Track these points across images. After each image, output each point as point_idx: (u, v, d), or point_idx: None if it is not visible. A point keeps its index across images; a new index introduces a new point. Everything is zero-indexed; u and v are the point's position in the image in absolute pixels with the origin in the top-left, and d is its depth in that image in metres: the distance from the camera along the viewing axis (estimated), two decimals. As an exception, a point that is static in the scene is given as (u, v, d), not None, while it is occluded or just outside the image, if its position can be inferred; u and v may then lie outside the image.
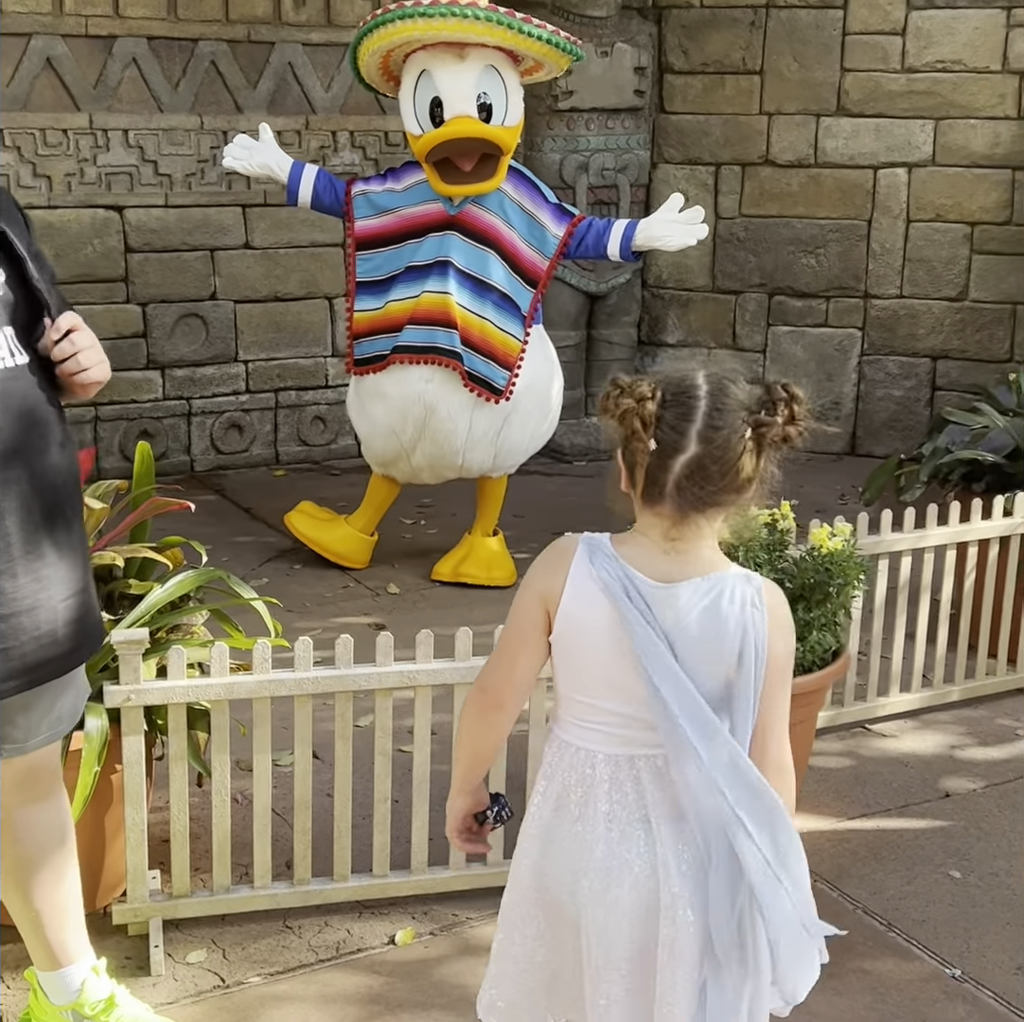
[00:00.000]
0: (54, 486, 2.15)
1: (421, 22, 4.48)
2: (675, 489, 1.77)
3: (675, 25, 7.04)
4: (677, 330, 7.37)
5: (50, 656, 2.17)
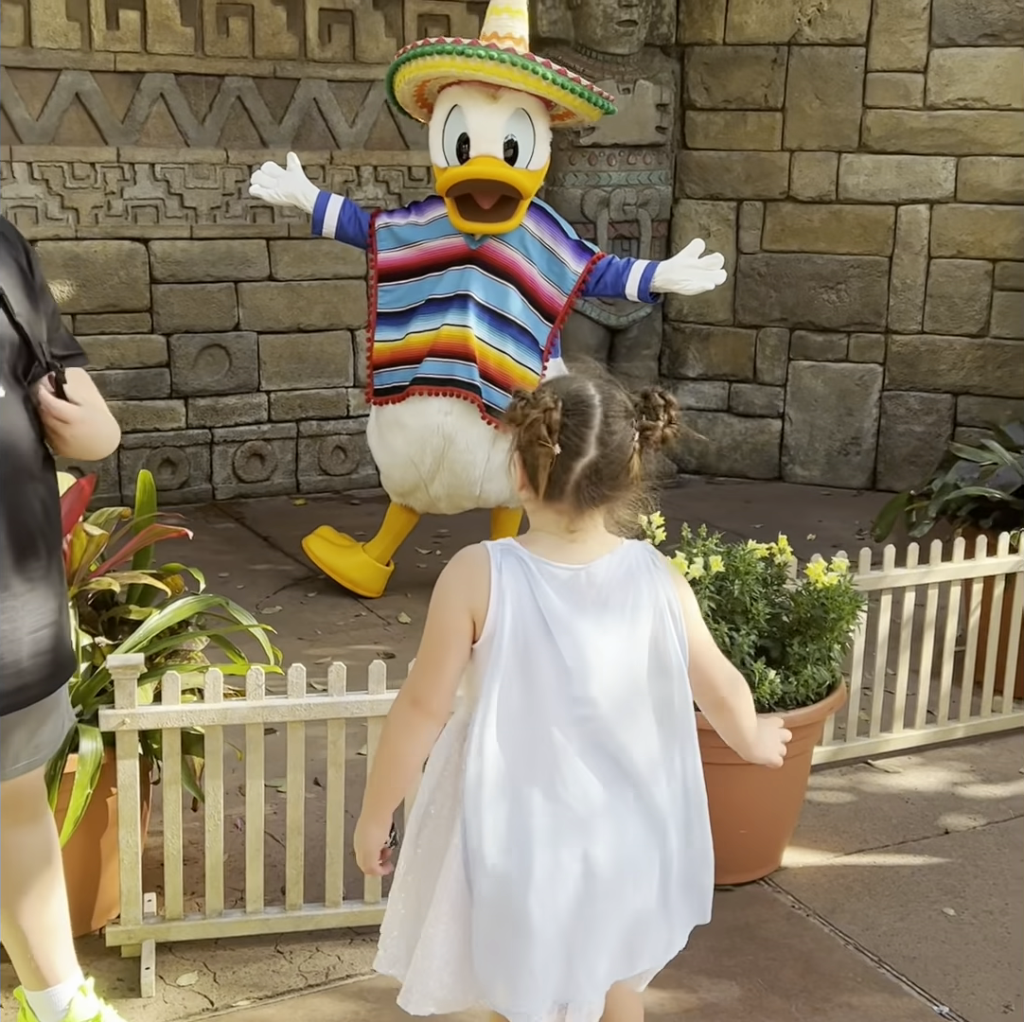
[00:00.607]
0: (24, 520, 2.15)
1: (459, 60, 4.57)
2: (575, 488, 1.96)
3: (697, 62, 7.10)
4: (698, 364, 7.40)
5: (11, 688, 2.17)
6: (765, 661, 3.18)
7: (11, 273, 2.17)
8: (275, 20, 6.37)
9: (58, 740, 2.39)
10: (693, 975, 2.90)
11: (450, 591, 2.01)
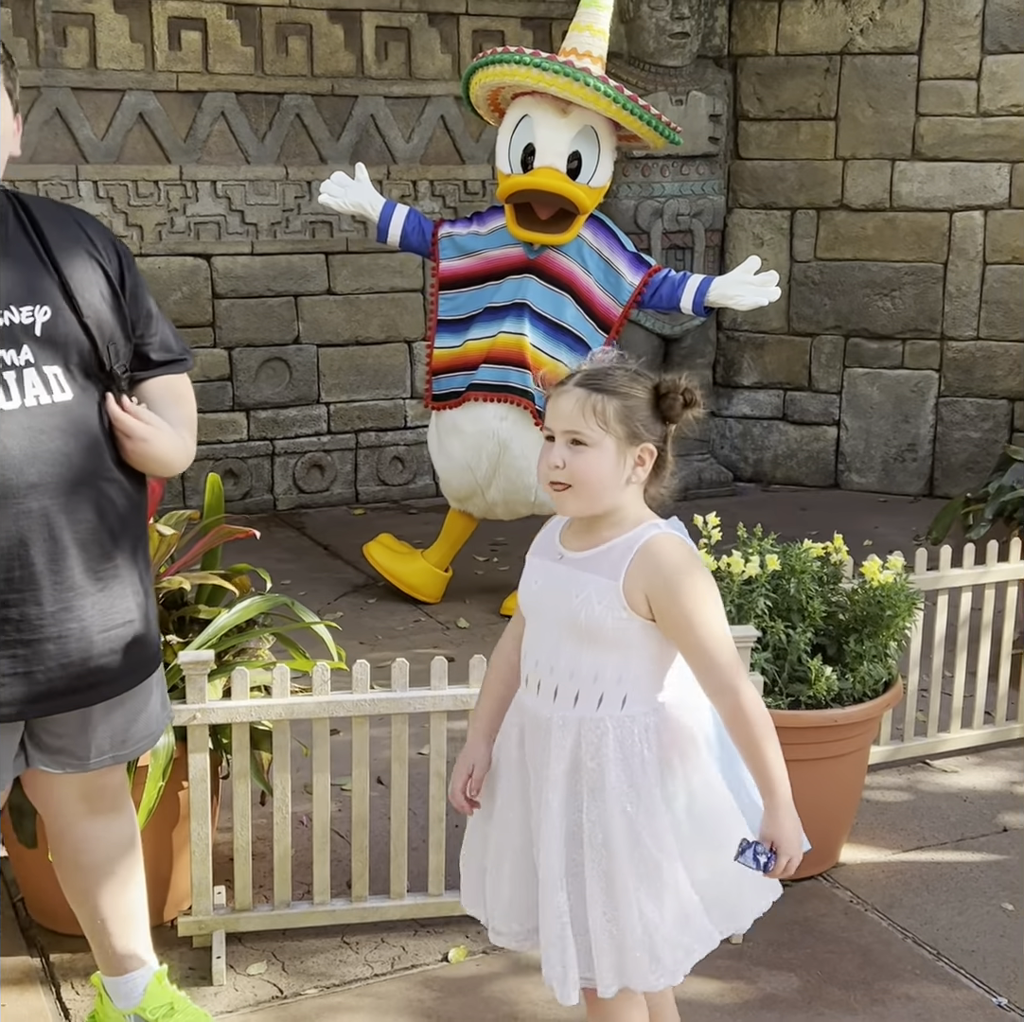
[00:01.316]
0: (91, 520, 2.20)
1: (534, 72, 4.67)
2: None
3: (750, 73, 7.15)
4: (752, 372, 7.43)
5: (80, 685, 2.23)
6: (822, 658, 3.22)
7: (87, 274, 2.22)
8: (333, 38, 6.49)
9: (150, 737, 2.45)
10: (752, 966, 2.94)
11: (702, 566, 2.14)
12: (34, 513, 2.12)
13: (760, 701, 2.08)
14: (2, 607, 2.12)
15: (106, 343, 2.23)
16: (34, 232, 2.20)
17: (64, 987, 2.85)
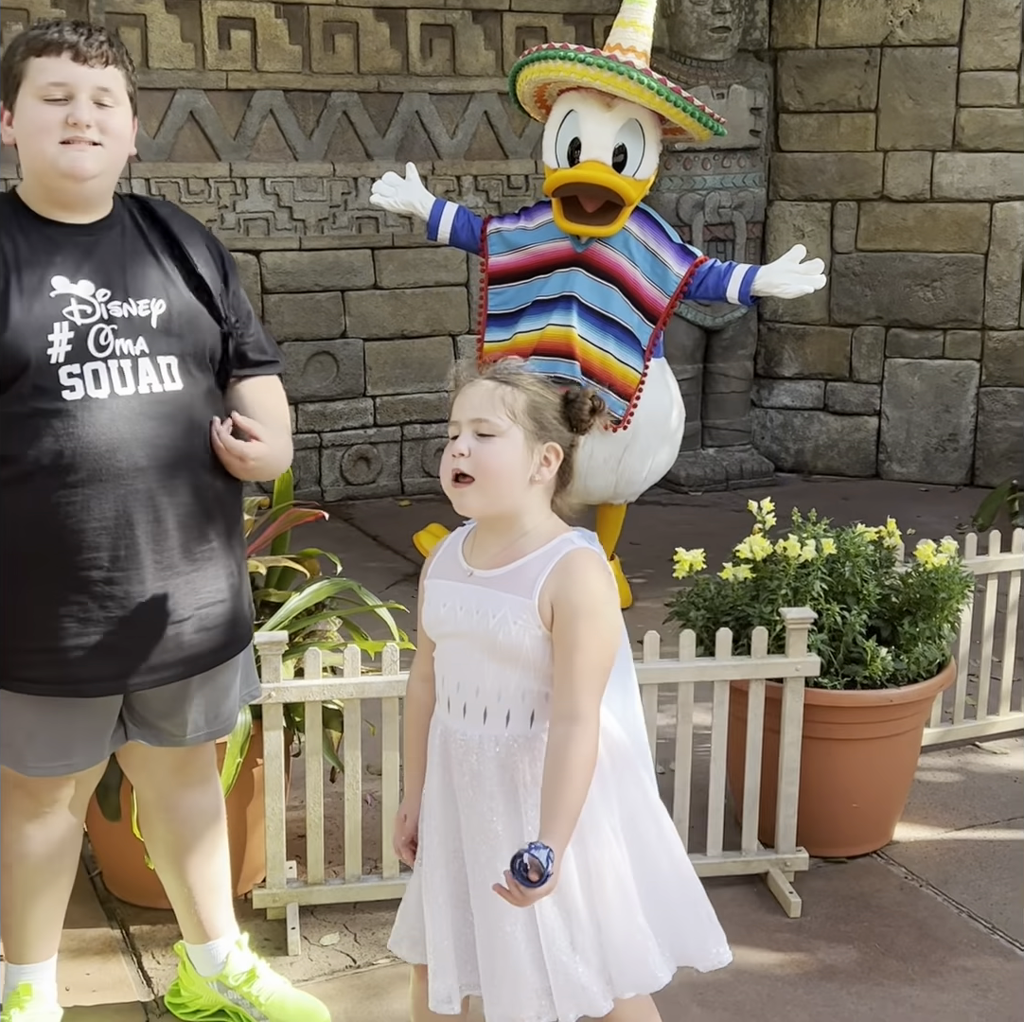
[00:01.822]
0: (191, 503, 2.30)
1: (579, 67, 4.74)
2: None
3: (790, 66, 7.20)
4: (793, 363, 7.49)
5: (174, 660, 2.34)
6: (876, 640, 3.29)
7: (195, 273, 2.35)
8: (379, 36, 6.59)
9: (236, 715, 2.56)
10: (811, 939, 3.01)
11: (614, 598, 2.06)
12: (140, 494, 2.23)
13: (595, 746, 2.00)
14: (107, 584, 2.23)
15: (212, 339, 2.35)
16: (149, 231, 2.33)
17: (145, 957, 2.96)
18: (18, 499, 2.19)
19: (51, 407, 2.17)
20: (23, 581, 2.22)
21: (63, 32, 2.20)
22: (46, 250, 2.23)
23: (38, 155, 2.21)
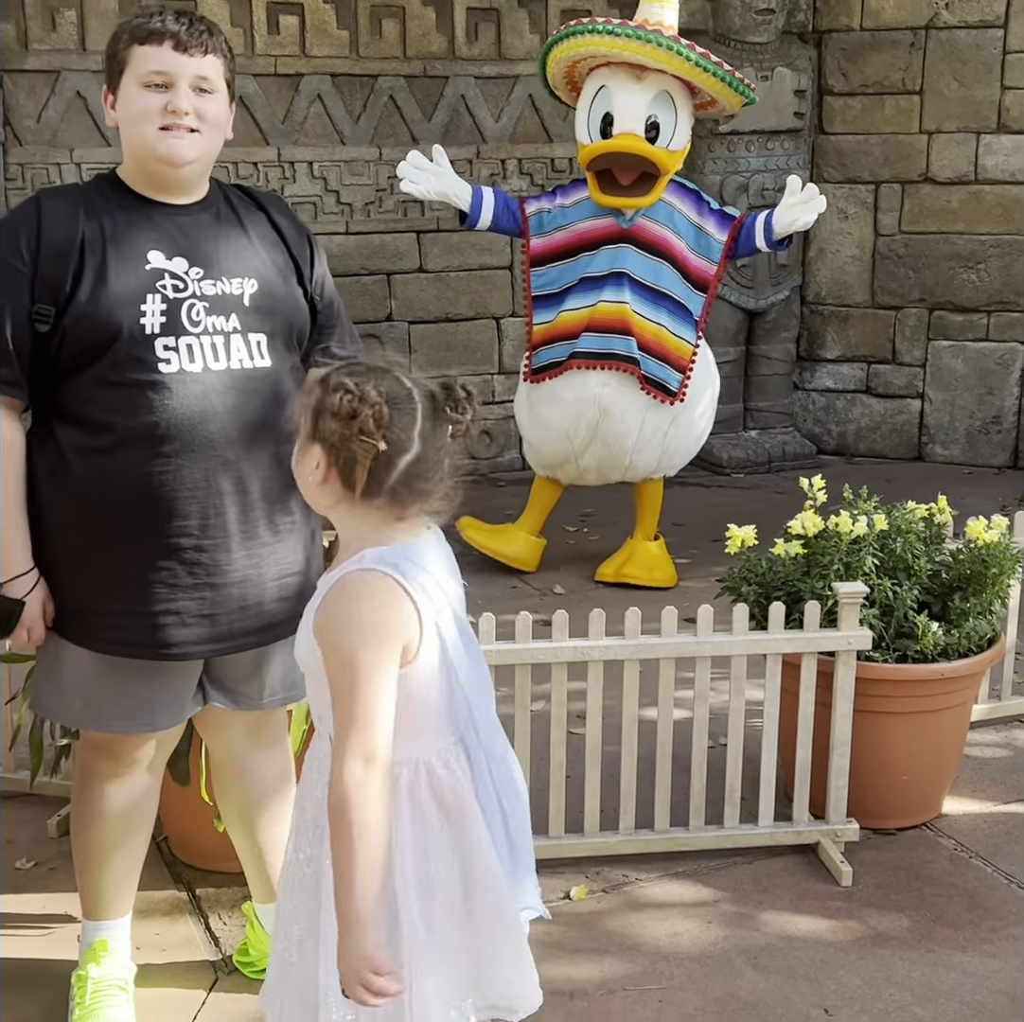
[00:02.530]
0: (275, 476, 2.38)
1: (607, 39, 4.79)
2: (395, 485, 1.84)
3: (835, 48, 7.20)
4: (836, 345, 7.50)
5: (254, 627, 2.42)
6: (927, 615, 3.33)
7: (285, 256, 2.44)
8: (425, 21, 6.64)
9: None
10: (863, 908, 3.07)
11: (376, 631, 1.82)
12: (229, 466, 2.32)
13: (359, 787, 1.74)
14: (196, 551, 2.31)
15: (300, 319, 2.45)
16: (245, 215, 2.43)
17: (212, 918, 3.04)
18: (112, 467, 2.27)
19: (147, 378, 2.26)
20: (115, 546, 2.30)
21: (165, 21, 2.28)
22: (143, 227, 2.32)
23: (139, 140, 2.31)
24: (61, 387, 2.30)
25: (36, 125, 6.10)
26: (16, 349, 2.25)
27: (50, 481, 2.31)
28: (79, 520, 2.31)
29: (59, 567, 2.35)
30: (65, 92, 6.12)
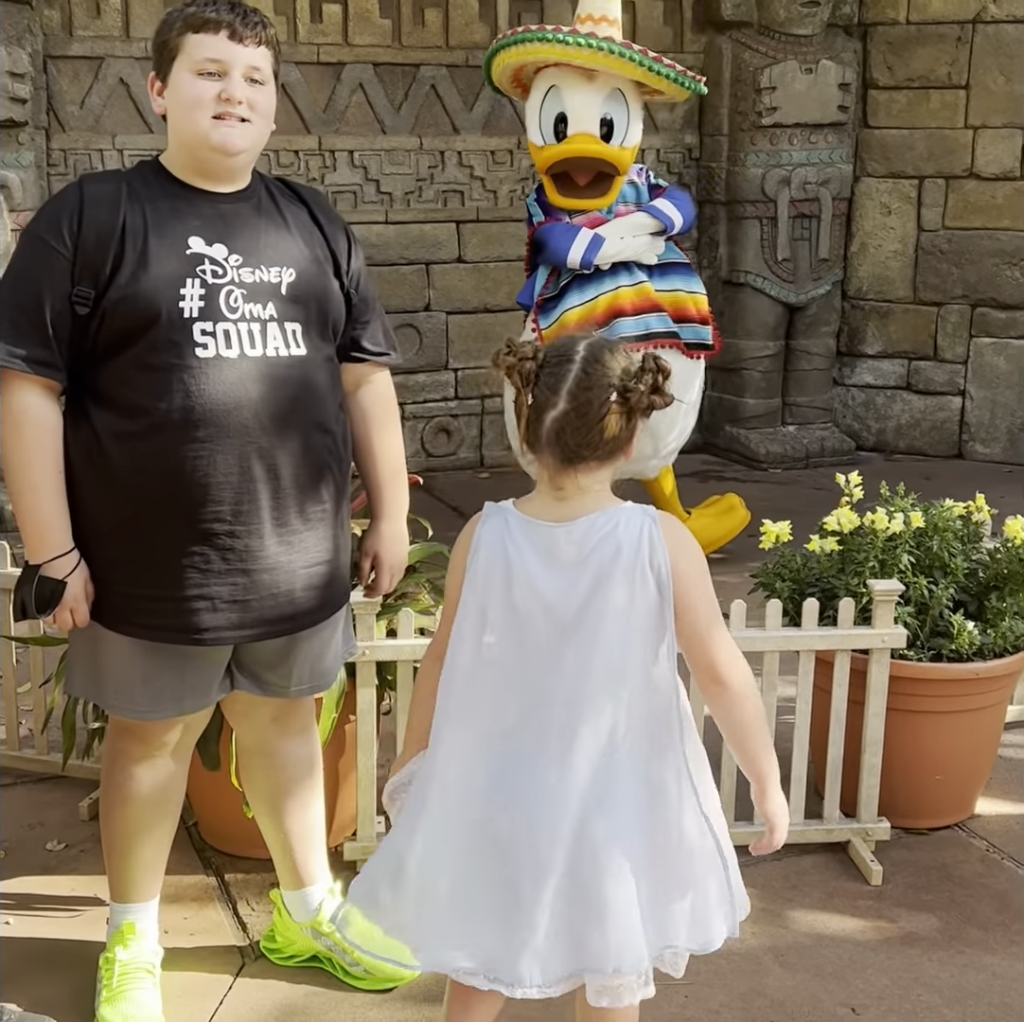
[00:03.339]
0: (307, 464, 2.40)
1: (558, 48, 4.75)
2: (548, 441, 1.95)
3: (880, 42, 7.13)
4: (877, 341, 7.44)
5: (284, 614, 2.43)
6: (963, 614, 3.29)
7: (322, 248, 2.45)
8: (468, 10, 6.63)
9: (336, 670, 2.66)
10: (893, 907, 3.04)
11: (453, 553, 2.10)
12: (263, 452, 2.32)
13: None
14: (229, 537, 2.32)
15: (336, 310, 2.46)
16: (286, 206, 2.44)
17: (240, 903, 3.05)
18: (147, 451, 2.28)
19: (184, 363, 2.26)
20: (147, 531, 2.31)
21: (220, 11, 2.28)
22: (185, 213, 2.33)
23: (190, 128, 2.31)
24: (98, 370, 2.30)
25: (79, 111, 6.14)
26: (55, 331, 2.26)
27: (85, 464, 2.32)
28: (113, 504, 2.32)
29: (92, 550, 2.36)
30: (108, 78, 6.15)
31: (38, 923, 2.98)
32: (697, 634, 2.01)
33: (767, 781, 2.06)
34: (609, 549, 1.96)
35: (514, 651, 2.00)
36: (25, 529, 2.33)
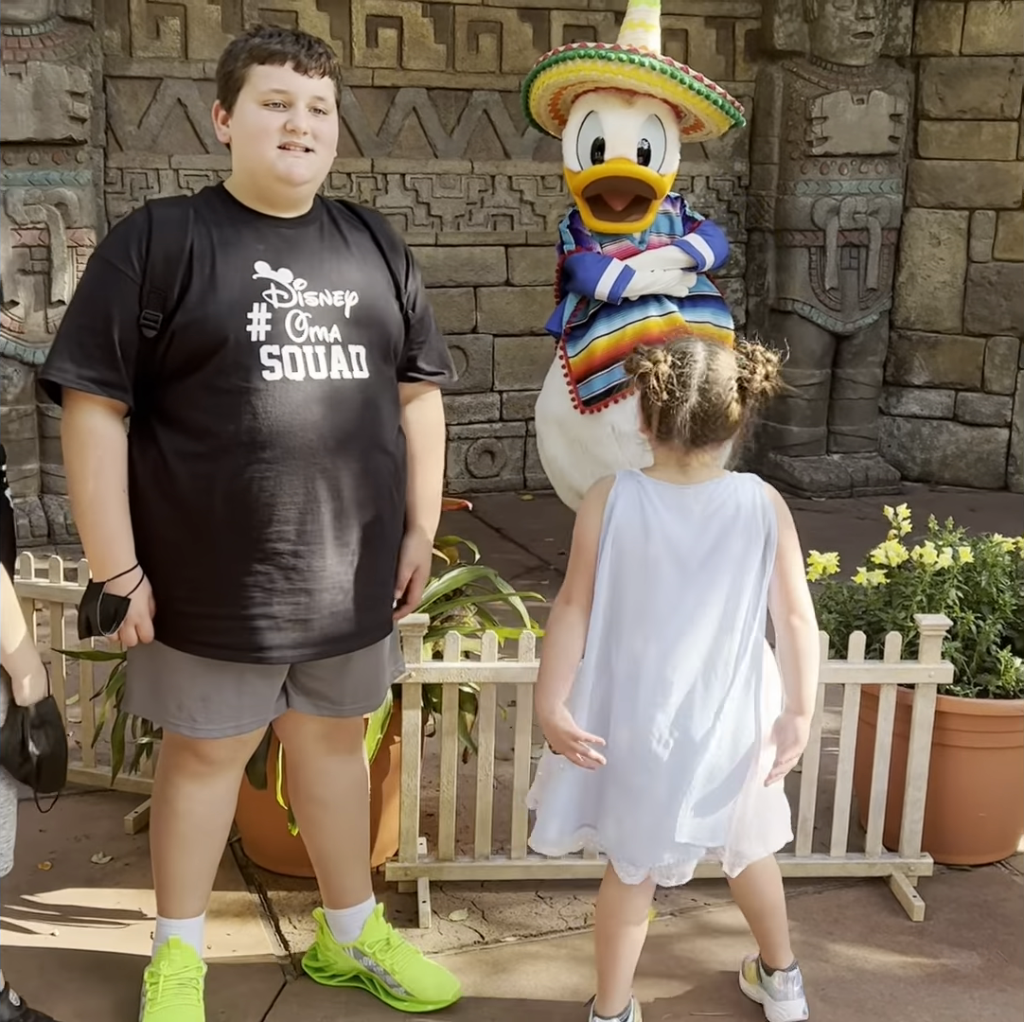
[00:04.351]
0: (369, 485, 2.44)
1: (600, 64, 4.74)
2: (680, 430, 2.33)
3: (932, 73, 7.13)
4: (924, 371, 7.42)
5: (343, 633, 2.47)
6: (1011, 651, 3.28)
7: (383, 271, 2.49)
8: (522, 36, 6.68)
9: (386, 690, 2.69)
10: (935, 943, 3.03)
11: (585, 510, 2.42)
12: (327, 474, 2.36)
13: None
14: (293, 557, 2.36)
15: (397, 332, 2.49)
16: (348, 230, 2.48)
17: (282, 921, 3.07)
18: (213, 471, 2.32)
19: (251, 385, 2.30)
20: (213, 550, 2.35)
21: (285, 42, 2.32)
22: (251, 238, 2.37)
23: (256, 157, 2.35)
24: (165, 392, 2.35)
25: (137, 131, 6.23)
26: (123, 353, 2.30)
27: (151, 484, 2.36)
28: (179, 524, 2.36)
29: (157, 569, 2.39)
30: (166, 99, 6.23)
31: (83, 935, 3.01)
32: (786, 574, 2.44)
33: (808, 702, 2.48)
34: (730, 508, 2.37)
35: (643, 592, 2.38)
36: (89, 547, 2.38)
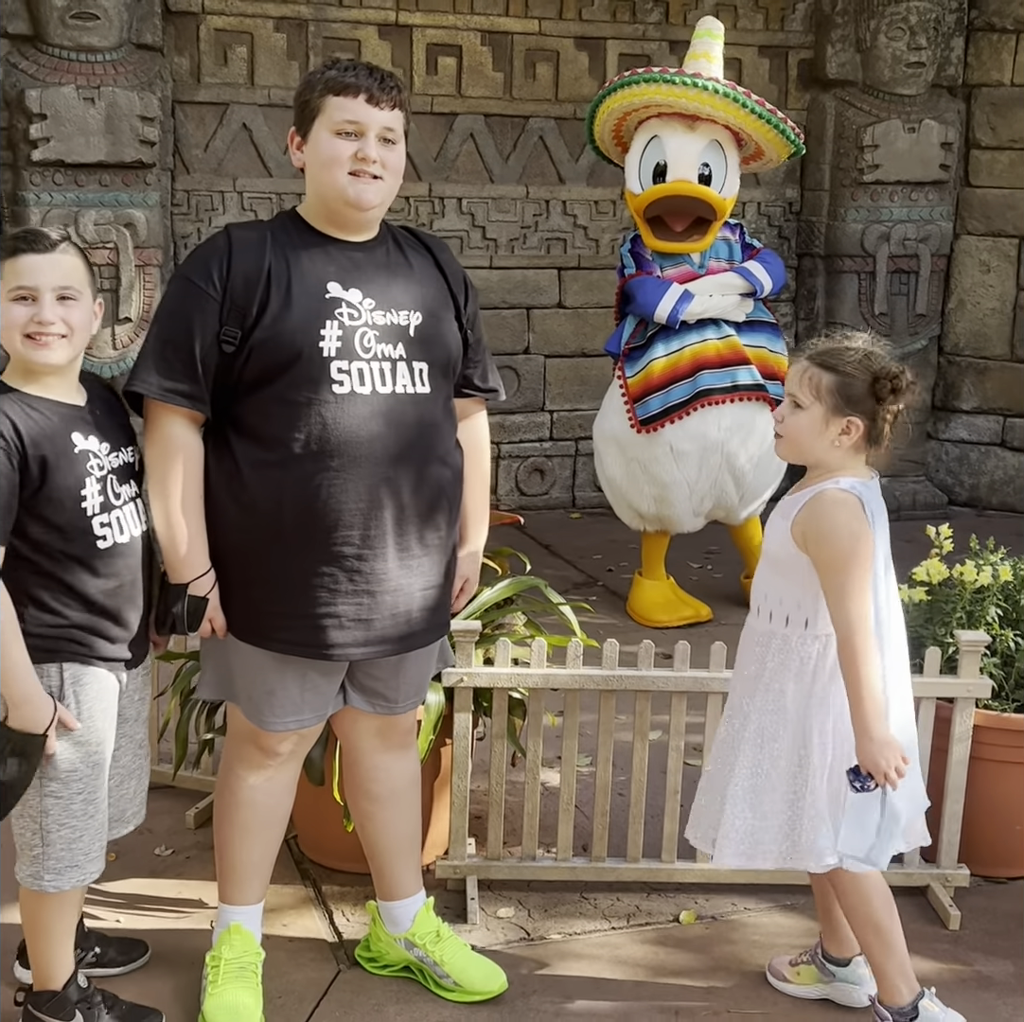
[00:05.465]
0: (428, 494, 2.58)
1: (664, 87, 4.85)
2: (889, 436, 2.59)
3: (984, 102, 7.20)
4: (972, 397, 7.47)
5: (402, 634, 2.62)
6: (1048, 668, 3.36)
7: (445, 293, 2.65)
8: (578, 65, 6.83)
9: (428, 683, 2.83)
10: (969, 951, 3.10)
11: (855, 535, 2.52)
12: (391, 482, 2.52)
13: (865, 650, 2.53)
14: (357, 560, 2.51)
15: (456, 350, 2.65)
16: (412, 254, 2.64)
17: (336, 914, 3.19)
18: (284, 479, 2.47)
19: (321, 398, 2.45)
20: (284, 553, 2.50)
21: (359, 76, 2.47)
22: (323, 260, 2.53)
23: (328, 183, 2.50)
24: (240, 403, 2.50)
25: (203, 154, 6.42)
26: (203, 368, 2.46)
27: (225, 491, 2.51)
28: (252, 529, 2.51)
29: (231, 571, 2.55)
30: (232, 124, 6.42)
31: (146, 922, 3.14)
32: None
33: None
34: None
35: (880, 602, 2.65)
36: (172, 551, 2.53)
